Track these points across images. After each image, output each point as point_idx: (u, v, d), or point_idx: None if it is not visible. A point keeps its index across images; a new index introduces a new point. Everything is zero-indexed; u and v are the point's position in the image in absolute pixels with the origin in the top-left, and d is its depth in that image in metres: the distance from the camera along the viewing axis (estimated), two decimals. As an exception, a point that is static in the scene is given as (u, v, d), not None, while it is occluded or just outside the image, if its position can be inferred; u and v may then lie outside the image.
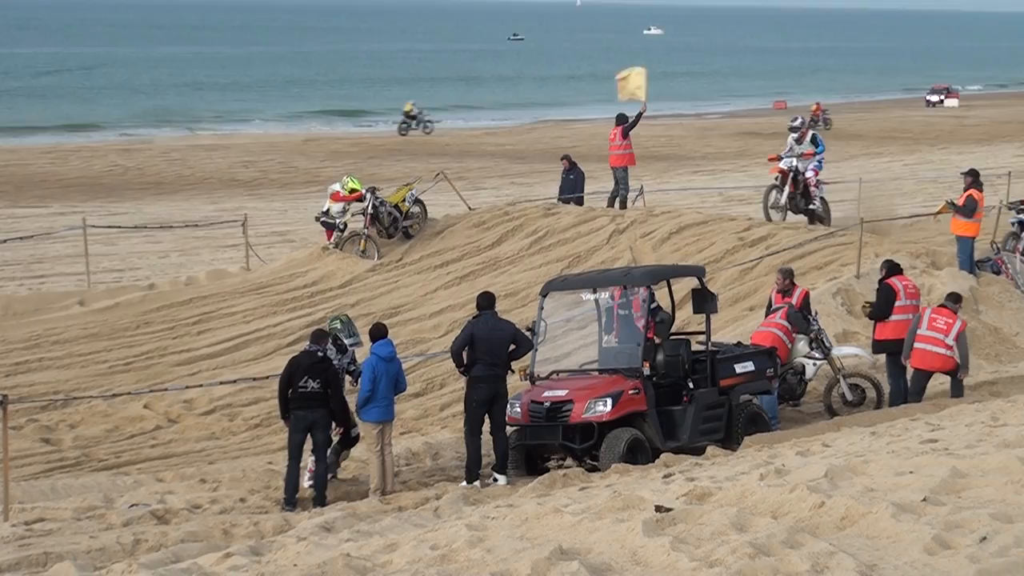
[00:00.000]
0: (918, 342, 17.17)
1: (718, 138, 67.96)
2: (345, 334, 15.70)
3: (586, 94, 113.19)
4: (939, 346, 17.08)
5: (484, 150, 61.60)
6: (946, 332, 17.11)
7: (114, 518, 13.55)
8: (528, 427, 15.42)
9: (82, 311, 24.58)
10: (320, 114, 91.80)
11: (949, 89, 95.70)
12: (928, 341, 17.14)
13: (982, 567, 7.74)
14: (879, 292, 17.84)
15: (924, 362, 17.21)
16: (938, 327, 17.17)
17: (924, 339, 17.16)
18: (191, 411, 19.68)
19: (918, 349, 17.19)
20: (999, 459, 10.24)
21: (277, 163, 56.25)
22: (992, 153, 54.87)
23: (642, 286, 16.08)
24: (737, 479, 10.95)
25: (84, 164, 55.22)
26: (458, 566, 8.75)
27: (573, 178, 29.35)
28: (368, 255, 26.50)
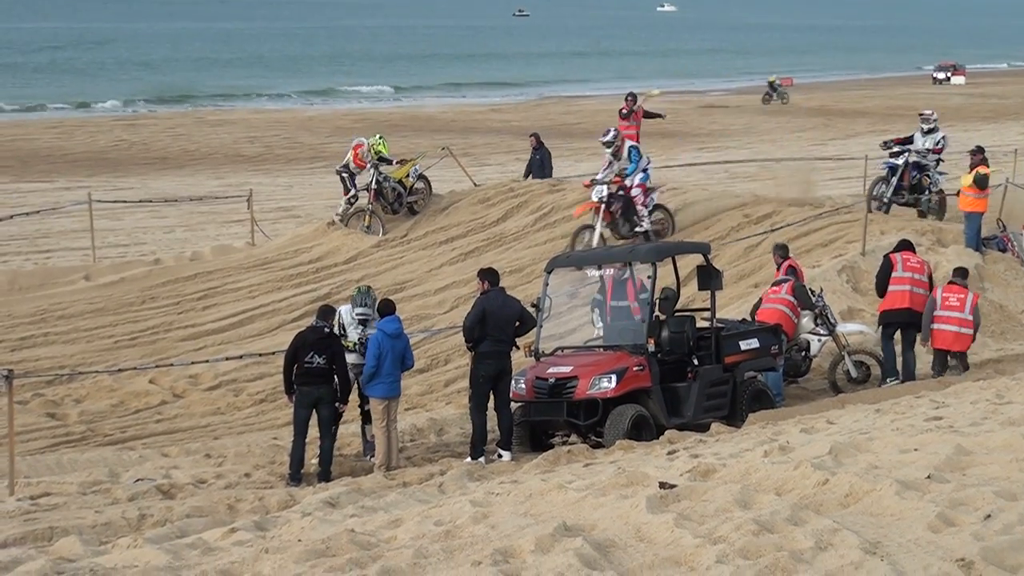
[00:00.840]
0: (936, 323, 17.33)
1: (723, 115, 67.79)
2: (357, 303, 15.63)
3: (592, 71, 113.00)
4: (955, 324, 17.27)
5: (489, 126, 61.50)
6: (960, 308, 17.31)
7: (119, 493, 13.58)
8: (533, 403, 15.44)
9: (88, 286, 24.60)
10: (324, 90, 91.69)
11: (956, 66, 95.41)
12: (945, 321, 17.32)
13: (986, 545, 7.74)
14: (880, 265, 17.96)
15: (944, 342, 17.39)
16: (951, 305, 17.35)
17: (941, 319, 17.32)
18: (196, 386, 19.71)
19: (936, 330, 17.34)
20: (1004, 437, 10.24)
21: (282, 138, 56.19)
22: (998, 130, 54.71)
23: (647, 263, 16.07)
24: (741, 456, 10.96)
25: (89, 139, 55.19)
26: (462, 542, 8.77)
27: (539, 157, 29.25)
28: (373, 231, 26.48)
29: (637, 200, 23.11)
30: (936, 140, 24.56)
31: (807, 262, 21.57)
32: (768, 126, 61.18)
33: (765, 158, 44.59)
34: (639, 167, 23.21)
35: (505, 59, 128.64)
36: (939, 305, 17.37)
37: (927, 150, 24.47)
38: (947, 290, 17.49)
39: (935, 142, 24.55)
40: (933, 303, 17.46)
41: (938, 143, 24.49)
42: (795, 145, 52.24)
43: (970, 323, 17.34)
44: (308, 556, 8.75)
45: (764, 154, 47.36)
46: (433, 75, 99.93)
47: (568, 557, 8.12)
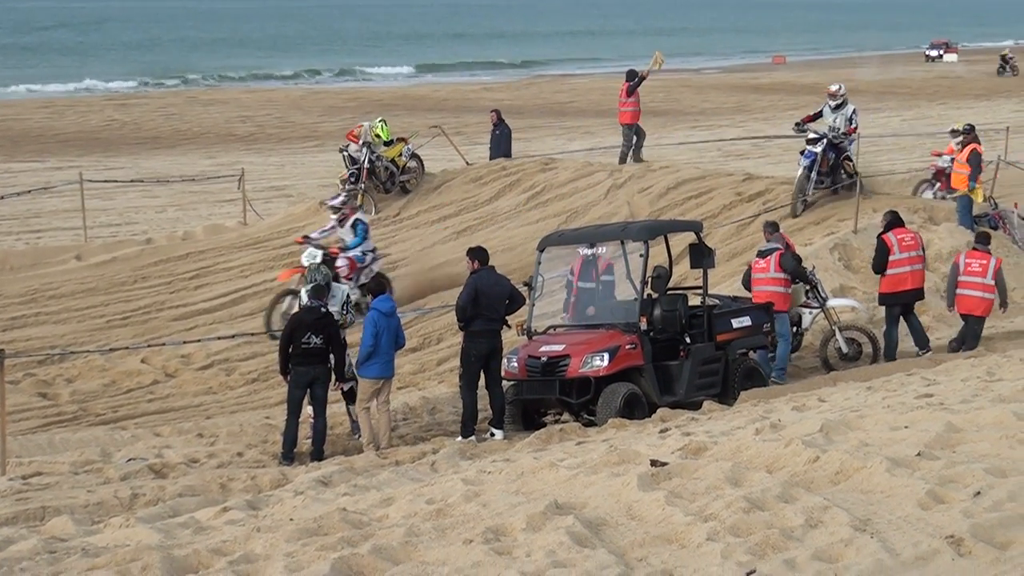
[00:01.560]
0: (960, 288, 17.65)
1: (716, 93, 67.70)
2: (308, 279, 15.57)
3: (585, 49, 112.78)
4: (978, 289, 17.57)
5: (482, 105, 61.35)
6: (983, 274, 17.62)
7: (111, 472, 13.58)
8: (525, 382, 15.44)
9: (79, 265, 24.57)
10: (318, 69, 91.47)
11: (948, 43, 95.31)
12: (968, 287, 17.62)
13: (976, 522, 7.77)
14: (876, 246, 17.97)
15: (968, 307, 17.67)
16: (974, 270, 17.67)
17: (965, 285, 17.63)
18: (188, 366, 19.70)
19: (960, 295, 17.66)
20: (994, 414, 10.27)
21: (274, 118, 56.06)
22: (991, 108, 54.70)
23: (640, 241, 16.06)
24: (732, 434, 10.99)
25: (80, 119, 55.03)
26: (454, 520, 8.79)
27: (499, 134, 29.19)
28: (365, 210, 26.41)
29: (341, 271, 19.63)
30: (847, 117, 23.69)
31: (799, 240, 21.59)
32: (761, 104, 61.12)
33: (757, 136, 44.58)
34: (361, 244, 20.18)
35: (497, 37, 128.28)
36: (962, 270, 17.71)
37: (839, 130, 23.49)
38: (970, 256, 17.84)
39: (846, 119, 23.66)
40: (956, 269, 17.81)
41: (850, 120, 23.65)
42: (788, 123, 52.15)
43: (992, 288, 17.67)
44: (300, 535, 8.77)
45: (757, 132, 47.34)
46: (428, 53, 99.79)
47: (559, 535, 8.14)
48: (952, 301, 17.80)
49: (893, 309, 17.84)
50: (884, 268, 17.78)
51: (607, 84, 73.05)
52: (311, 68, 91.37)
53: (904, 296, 17.83)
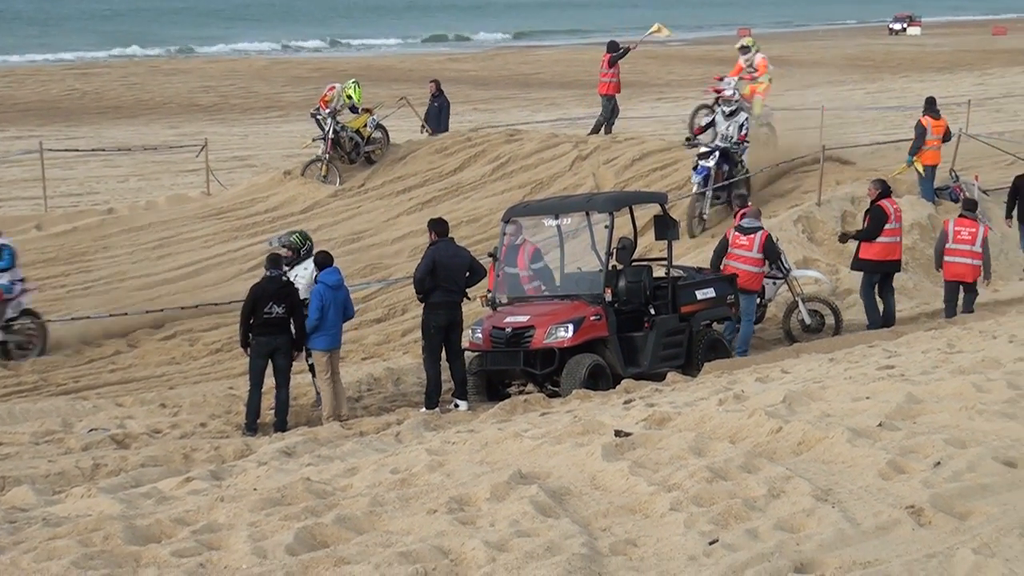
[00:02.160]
0: (948, 255, 17.93)
1: (681, 65, 67.70)
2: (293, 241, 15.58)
3: (549, 21, 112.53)
4: (968, 256, 17.87)
5: (447, 76, 61.07)
6: (972, 241, 17.93)
7: (73, 442, 13.51)
8: (490, 353, 15.44)
9: (39, 235, 24.36)
10: (284, 40, 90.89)
11: (912, 17, 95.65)
12: (957, 254, 17.90)
13: (936, 492, 7.83)
14: (871, 213, 17.95)
15: (956, 274, 17.95)
16: (963, 238, 17.95)
17: (953, 252, 17.91)
18: (151, 336, 19.60)
19: (948, 262, 17.95)
20: (954, 385, 10.35)
21: (238, 88, 55.69)
22: (952, 81, 54.96)
23: (604, 212, 16.07)
24: (696, 404, 11.03)
25: (41, 88, 54.49)
26: (417, 490, 8.79)
27: (437, 105, 29.00)
28: (330, 180, 26.33)
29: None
30: (740, 124, 22.37)
31: (765, 212, 21.63)
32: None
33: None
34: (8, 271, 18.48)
35: (465, 8, 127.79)
36: (951, 239, 17.94)
37: (732, 139, 22.25)
38: (958, 223, 18.07)
39: (739, 126, 22.35)
40: (944, 236, 18.04)
41: (742, 127, 22.46)
42: (752, 96, 52.18)
43: (980, 255, 17.92)
44: (264, 504, 8.75)
45: (721, 105, 47.31)
46: (396, 24, 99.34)
47: (523, 504, 8.16)
48: (939, 264, 18.12)
49: (873, 277, 17.96)
50: (878, 234, 17.83)
51: (572, 56, 72.97)
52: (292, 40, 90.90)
53: (889, 265, 18.01)
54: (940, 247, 18.14)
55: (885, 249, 17.90)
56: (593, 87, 43.23)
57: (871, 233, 17.88)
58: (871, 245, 17.88)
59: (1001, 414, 9.32)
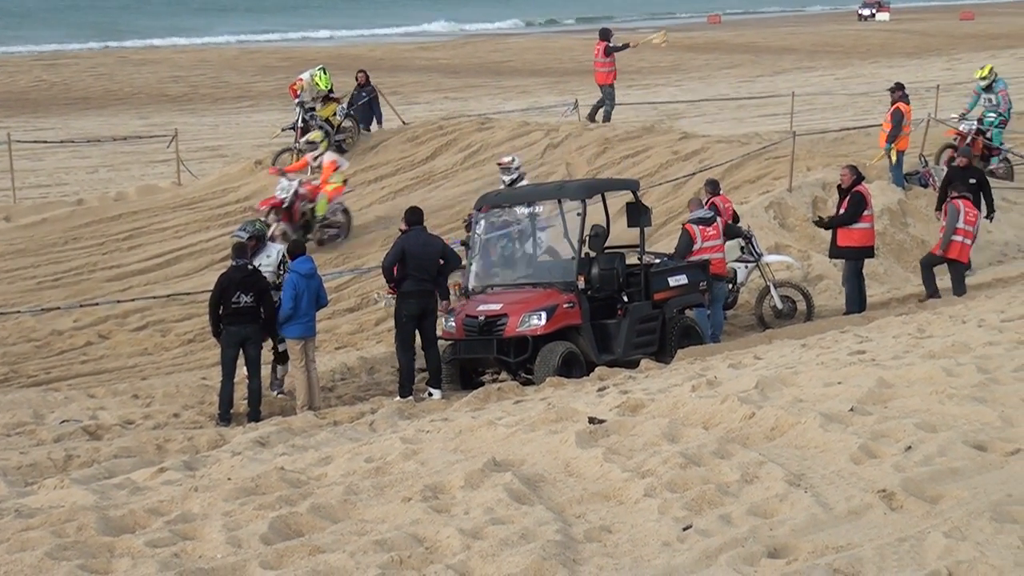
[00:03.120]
0: (957, 235, 17.96)
1: (651, 52, 67.74)
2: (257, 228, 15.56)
3: (517, 9, 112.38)
4: (970, 237, 18.13)
5: (417, 65, 61.06)
6: (974, 223, 18.21)
7: (45, 434, 13.45)
8: (463, 341, 15.44)
9: (8, 227, 24.21)
10: (252, 28, 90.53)
11: (881, 3, 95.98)
12: (963, 234, 18.05)
13: (907, 476, 7.89)
14: (852, 199, 17.84)
15: (961, 254, 18.09)
16: (970, 219, 18.14)
17: (960, 232, 18.01)
18: (123, 327, 19.51)
19: (955, 242, 18.00)
20: (924, 370, 10.42)
21: (208, 78, 55.42)
22: (921, 67, 55.19)
23: (577, 200, 16.08)
24: (669, 391, 11.08)
25: (8, 79, 54.08)
26: (392, 478, 8.80)
27: (366, 95, 28.12)
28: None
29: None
30: None
31: (735, 198, 21.69)
32: (696, 63, 61.30)
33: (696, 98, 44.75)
34: None
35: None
36: (962, 219, 17.98)
37: None
38: (967, 205, 18.14)
39: None
40: (957, 215, 18.01)
41: None
42: (723, 82, 52.39)
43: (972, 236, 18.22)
44: (238, 494, 8.75)
45: (693, 92, 47.49)
46: (361, 14, 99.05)
47: (497, 492, 8.19)
48: (947, 246, 17.99)
49: (859, 263, 17.94)
50: (857, 221, 17.82)
51: (543, 43, 72.93)
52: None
53: (869, 251, 18.08)
54: (952, 227, 17.97)
55: (866, 235, 17.92)
56: (564, 74, 43.44)
57: (851, 218, 17.82)
58: (851, 231, 17.83)
59: (971, 398, 9.39)
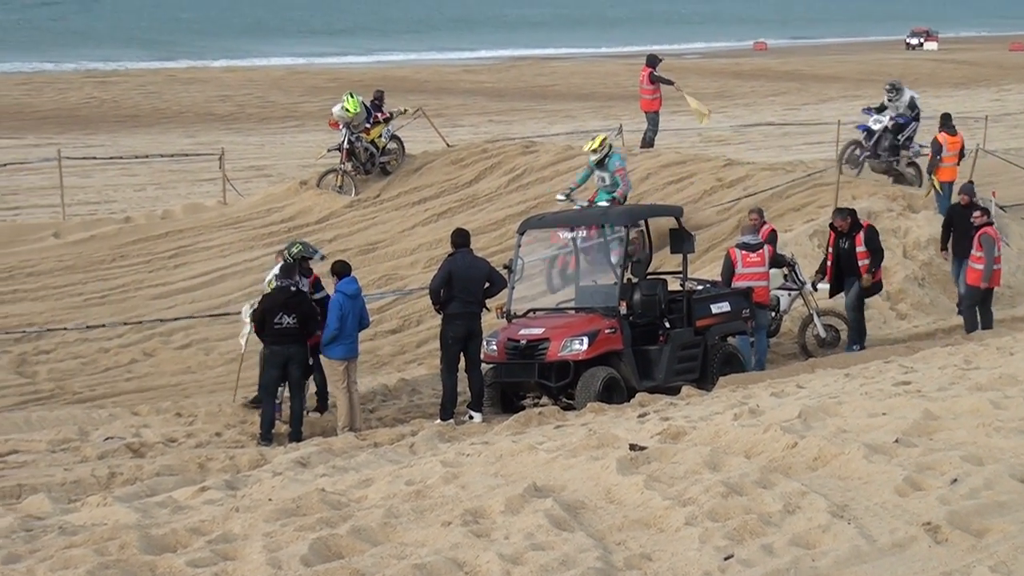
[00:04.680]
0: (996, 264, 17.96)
1: (697, 78, 67.70)
2: (308, 252, 15.64)
3: (565, 33, 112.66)
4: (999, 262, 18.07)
5: (463, 87, 61.30)
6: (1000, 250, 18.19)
7: (89, 451, 13.54)
8: (504, 365, 15.44)
9: (57, 243, 24.45)
10: (301, 51, 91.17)
11: (929, 32, 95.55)
12: (999, 261, 18.04)
13: (952, 509, 7.81)
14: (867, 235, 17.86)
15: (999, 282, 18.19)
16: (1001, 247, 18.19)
17: (998, 260, 18.00)
18: (167, 345, 19.64)
19: (998, 271, 18.01)
20: (971, 402, 10.32)
21: (254, 97, 55.84)
22: (970, 96, 54.86)
23: (620, 225, 16.07)
24: (711, 419, 11.01)
25: (59, 96, 54.71)
26: (432, 502, 8.79)
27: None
28: (345, 191, 26.36)
29: None
30: None
31: (780, 226, 21.59)
32: (742, 90, 61.20)
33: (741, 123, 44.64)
34: None
35: (478, 21, 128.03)
36: (998, 248, 17.97)
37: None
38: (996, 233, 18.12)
39: None
40: (993, 243, 17.92)
41: None
42: (769, 109, 52.28)
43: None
44: (278, 515, 8.76)
45: (738, 118, 47.40)
46: (410, 38, 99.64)
47: (538, 518, 8.16)
48: (989, 275, 17.89)
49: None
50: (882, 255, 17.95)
51: (589, 68, 73.02)
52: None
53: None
54: (992, 255, 17.88)
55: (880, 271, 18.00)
56: (609, 99, 43.44)
57: (879, 254, 17.90)
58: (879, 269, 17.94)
59: (1018, 431, 9.29)
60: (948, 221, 19.64)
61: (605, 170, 20.21)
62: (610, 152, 20.33)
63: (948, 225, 19.60)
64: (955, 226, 19.37)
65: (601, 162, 20.10)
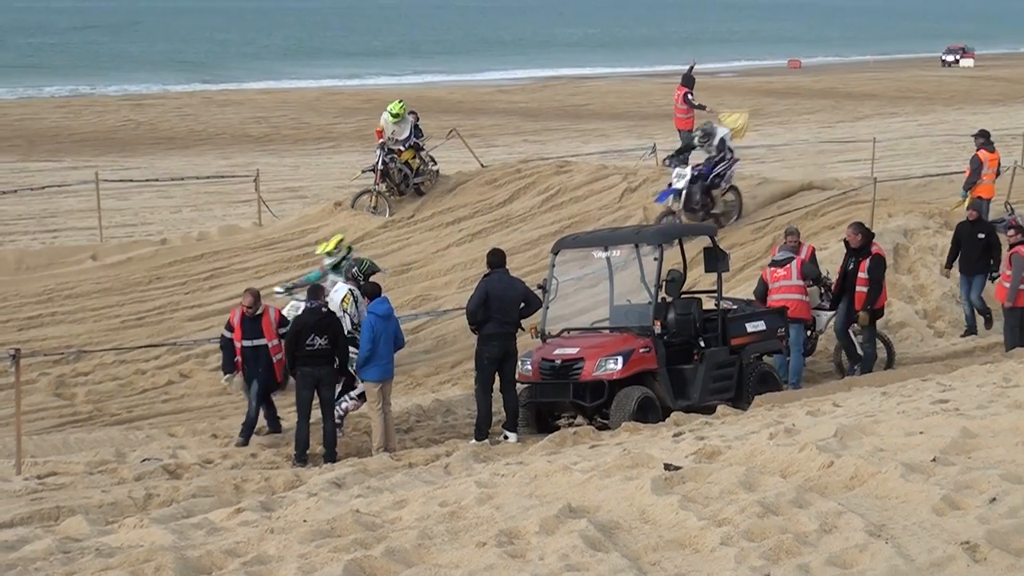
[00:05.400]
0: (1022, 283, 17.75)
1: (731, 96, 67.61)
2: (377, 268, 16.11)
3: (598, 53, 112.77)
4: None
5: (496, 107, 61.43)
6: None
7: (126, 472, 13.61)
8: (539, 385, 15.43)
9: (94, 265, 24.62)
10: (333, 72, 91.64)
11: (965, 49, 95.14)
12: None
13: (991, 528, 7.74)
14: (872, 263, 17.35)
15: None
16: None
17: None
18: (203, 366, 19.73)
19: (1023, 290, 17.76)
20: (1010, 420, 10.22)
21: (289, 119, 56.16)
22: (1007, 113, 54.55)
23: (654, 244, 16.04)
24: (747, 438, 10.96)
25: (96, 119, 55.20)
26: (467, 523, 8.78)
27: None
28: (380, 212, 26.45)
29: None
30: None
31: (815, 244, 21.52)
32: (776, 108, 61.06)
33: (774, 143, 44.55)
34: None
35: (513, 40, 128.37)
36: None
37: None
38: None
39: None
40: (1022, 263, 17.69)
41: None
42: (803, 127, 52.13)
43: None
44: (313, 536, 8.77)
45: (773, 136, 47.30)
46: (444, 58, 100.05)
47: (573, 538, 8.13)
48: (1015, 296, 17.63)
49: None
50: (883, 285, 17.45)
51: (623, 87, 73.05)
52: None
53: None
54: (1019, 276, 17.63)
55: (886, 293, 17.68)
56: (643, 118, 43.35)
57: (879, 285, 17.33)
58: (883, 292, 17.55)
59: (1057, 450, 9.19)
60: (956, 238, 19.30)
61: (339, 273, 17.60)
62: (347, 255, 18.05)
63: (957, 242, 19.24)
64: (962, 243, 19.07)
65: (337, 266, 18.06)
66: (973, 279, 19.03)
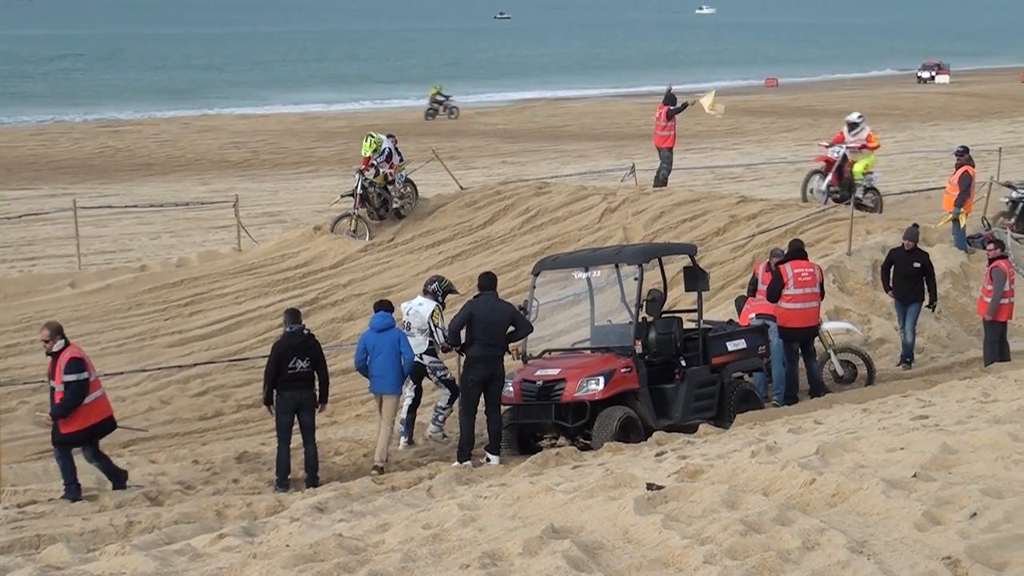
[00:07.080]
0: (1006, 297, 17.77)
1: (708, 116, 67.84)
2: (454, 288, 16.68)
3: (577, 74, 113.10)
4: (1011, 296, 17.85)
5: (475, 129, 61.50)
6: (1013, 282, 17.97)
7: (107, 500, 13.55)
8: (521, 406, 15.43)
9: (73, 293, 24.55)
10: (311, 96, 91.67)
11: (940, 65, 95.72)
12: (1009, 295, 17.82)
13: (972, 543, 7.77)
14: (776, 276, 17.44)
15: (1009, 315, 17.94)
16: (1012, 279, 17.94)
17: (1008, 294, 17.80)
18: (184, 392, 19.67)
19: (1005, 304, 17.81)
20: (990, 435, 10.27)
21: (268, 144, 56.13)
22: (983, 129, 54.86)
23: (634, 264, 16.08)
24: (729, 457, 10.98)
25: (74, 146, 55.07)
26: (450, 545, 8.77)
27: None
28: (359, 236, 26.46)
29: None
30: None
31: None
32: (754, 127, 61.29)
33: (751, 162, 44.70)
34: None
35: (488, 62, 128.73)
36: (1008, 282, 17.76)
37: None
38: (1009, 266, 17.94)
39: None
40: (1004, 278, 17.74)
41: None
42: (781, 146, 52.34)
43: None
44: (296, 561, 8.74)
45: (751, 155, 47.46)
46: (425, 81, 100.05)
47: (556, 559, 8.13)
48: (996, 310, 17.64)
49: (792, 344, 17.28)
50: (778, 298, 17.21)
51: (601, 108, 73.20)
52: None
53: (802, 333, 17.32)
54: (1001, 290, 17.65)
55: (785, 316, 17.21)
56: (622, 139, 43.45)
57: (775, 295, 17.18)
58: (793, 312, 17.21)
59: (1037, 464, 9.23)
60: (888, 263, 19.16)
61: None
62: None
63: (888, 267, 19.09)
64: (896, 270, 18.93)
65: None
66: (908, 308, 18.88)
